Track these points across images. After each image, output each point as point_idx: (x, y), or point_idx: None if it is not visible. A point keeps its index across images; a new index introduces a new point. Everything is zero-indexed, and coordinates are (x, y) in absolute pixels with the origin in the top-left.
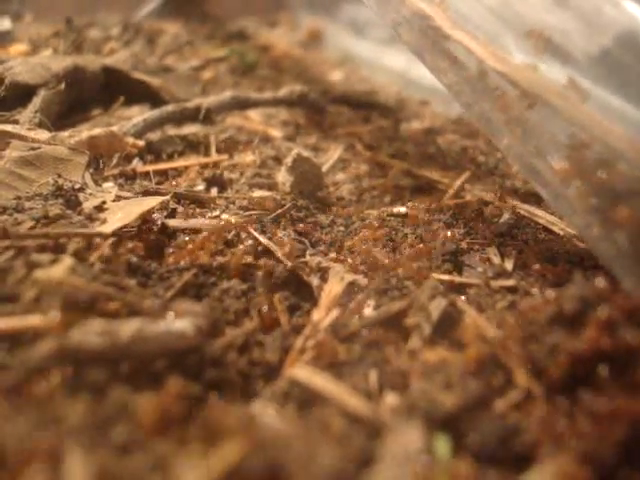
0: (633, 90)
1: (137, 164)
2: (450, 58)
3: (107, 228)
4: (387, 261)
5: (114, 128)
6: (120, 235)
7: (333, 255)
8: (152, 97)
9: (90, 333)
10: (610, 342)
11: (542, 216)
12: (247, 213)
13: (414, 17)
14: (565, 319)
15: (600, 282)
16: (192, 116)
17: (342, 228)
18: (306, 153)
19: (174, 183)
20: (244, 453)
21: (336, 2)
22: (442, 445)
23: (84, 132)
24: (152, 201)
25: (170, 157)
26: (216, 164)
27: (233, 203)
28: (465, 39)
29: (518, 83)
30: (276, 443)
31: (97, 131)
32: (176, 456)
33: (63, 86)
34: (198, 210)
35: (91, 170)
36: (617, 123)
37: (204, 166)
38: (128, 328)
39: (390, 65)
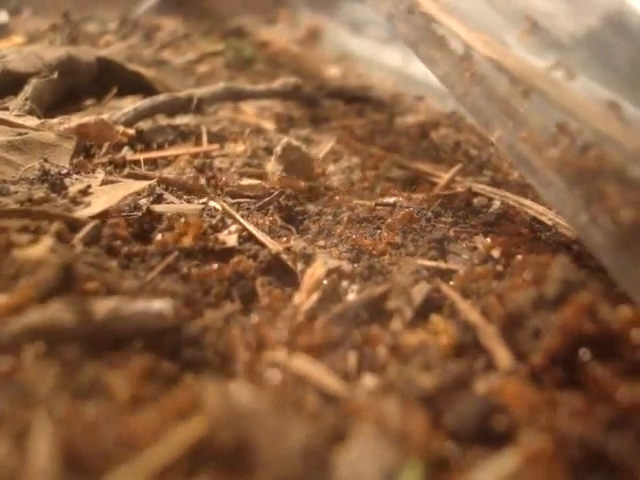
0: (619, 71)
1: (127, 152)
2: (443, 48)
3: (91, 211)
4: (373, 248)
5: (104, 116)
6: (104, 218)
7: (319, 243)
8: (146, 88)
9: (63, 310)
10: (592, 325)
11: (531, 206)
12: (235, 200)
13: (407, 7)
14: (547, 302)
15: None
16: (184, 106)
17: (330, 217)
18: (296, 142)
19: (164, 171)
20: (212, 427)
21: (335, 0)
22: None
23: (73, 119)
24: (138, 185)
25: (161, 146)
26: (207, 154)
27: (222, 190)
28: (455, 25)
29: (507, 70)
30: (247, 418)
31: (87, 119)
32: (146, 430)
33: (56, 75)
34: (185, 197)
35: (80, 157)
36: (604, 106)
37: (194, 155)
38: (104, 306)
39: (387, 62)
